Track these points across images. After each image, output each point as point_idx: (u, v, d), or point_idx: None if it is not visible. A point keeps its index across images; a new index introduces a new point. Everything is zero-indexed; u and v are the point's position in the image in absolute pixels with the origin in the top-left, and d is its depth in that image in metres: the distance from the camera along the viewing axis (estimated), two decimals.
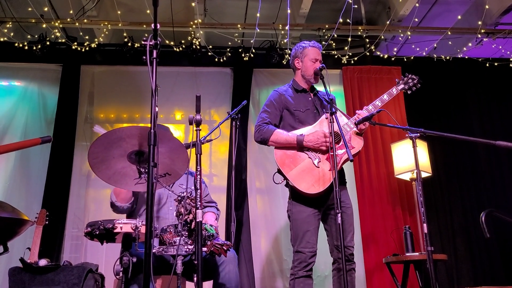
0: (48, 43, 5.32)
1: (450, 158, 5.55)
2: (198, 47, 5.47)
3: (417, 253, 4.14)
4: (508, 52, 5.74)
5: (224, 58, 5.51)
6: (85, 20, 5.32)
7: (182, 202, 2.62)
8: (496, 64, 5.74)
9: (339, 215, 2.70)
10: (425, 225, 2.80)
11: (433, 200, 5.36)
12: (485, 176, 5.50)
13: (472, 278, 5.06)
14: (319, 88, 3.44)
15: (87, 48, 5.40)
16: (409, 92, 3.50)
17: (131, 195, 3.22)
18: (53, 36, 5.36)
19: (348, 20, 5.23)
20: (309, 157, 3.22)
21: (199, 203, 2.45)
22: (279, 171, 3.25)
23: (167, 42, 5.39)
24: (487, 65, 5.75)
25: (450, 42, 5.63)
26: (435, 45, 5.58)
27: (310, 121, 3.37)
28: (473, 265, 5.15)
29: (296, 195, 3.22)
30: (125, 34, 5.40)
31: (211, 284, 3.08)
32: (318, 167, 3.18)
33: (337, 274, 3.19)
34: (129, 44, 5.42)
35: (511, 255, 5.14)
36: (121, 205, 3.19)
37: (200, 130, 2.62)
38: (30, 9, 5.06)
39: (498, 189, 5.45)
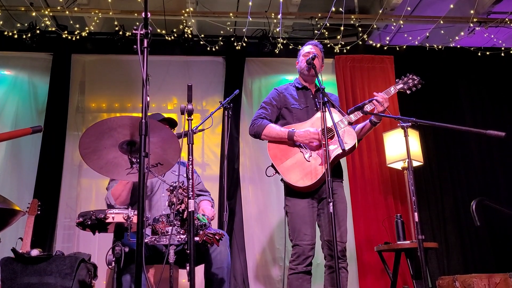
0: (38, 31, 5.25)
1: (442, 147, 5.58)
2: (190, 36, 5.44)
3: (408, 241, 4.17)
4: (500, 41, 5.75)
5: (216, 47, 5.48)
6: (76, 9, 5.27)
7: (174, 192, 2.62)
8: (488, 53, 5.76)
9: (331, 204, 2.70)
10: (416, 213, 2.81)
11: (424, 189, 5.40)
12: (476, 165, 5.54)
13: (462, 266, 5.12)
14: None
15: (77, 37, 5.34)
16: (408, 92, 3.41)
17: (129, 200, 3.21)
18: (43, 25, 5.28)
19: (340, 9, 5.22)
20: (300, 151, 3.22)
21: (191, 193, 2.45)
22: (272, 165, 3.26)
23: (158, 30, 5.35)
24: (479, 54, 5.76)
25: (442, 31, 5.63)
26: (427, 34, 5.58)
27: (307, 118, 3.36)
28: (464, 253, 5.21)
29: (290, 191, 3.23)
30: (116, 23, 5.35)
31: (203, 267, 3.09)
32: (309, 161, 3.18)
33: (328, 271, 3.18)
34: (120, 32, 5.36)
35: (501, 243, 5.19)
36: (119, 207, 3.18)
37: (192, 119, 2.61)
38: None
39: (488, 178, 5.49)
